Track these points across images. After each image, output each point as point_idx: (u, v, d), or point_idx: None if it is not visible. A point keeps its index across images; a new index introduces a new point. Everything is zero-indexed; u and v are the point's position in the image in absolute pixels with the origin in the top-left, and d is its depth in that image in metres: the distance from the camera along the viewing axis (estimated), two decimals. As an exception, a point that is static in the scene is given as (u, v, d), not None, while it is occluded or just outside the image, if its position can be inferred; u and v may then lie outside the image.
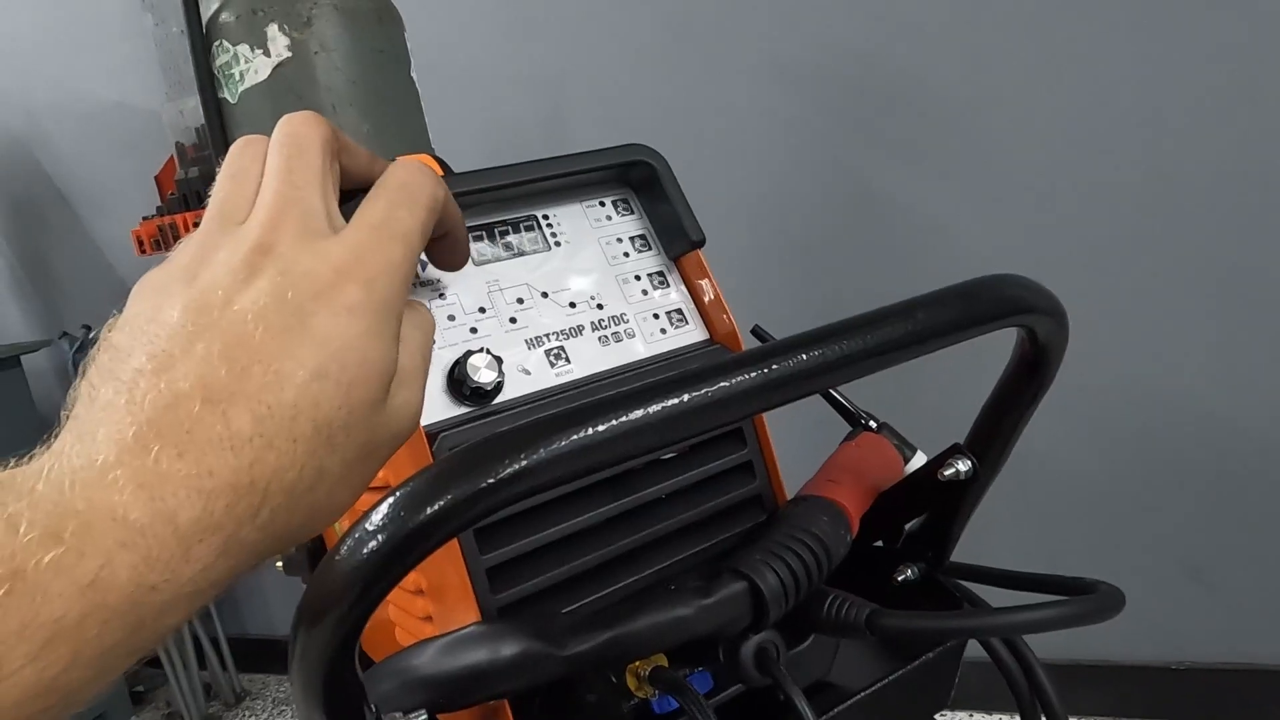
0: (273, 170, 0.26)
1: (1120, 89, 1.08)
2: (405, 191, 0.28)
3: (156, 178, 1.37)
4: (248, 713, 1.78)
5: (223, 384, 0.21)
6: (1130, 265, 1.12)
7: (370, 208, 0.27)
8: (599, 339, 0.37)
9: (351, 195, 0.30)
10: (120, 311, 0.24)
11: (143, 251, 1.21)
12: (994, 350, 0.34)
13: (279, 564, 0.63)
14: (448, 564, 0.32)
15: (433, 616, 0.36)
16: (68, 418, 0.22)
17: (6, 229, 1.88)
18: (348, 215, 0.27)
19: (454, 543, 0.32)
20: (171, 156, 1.30)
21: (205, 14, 0.59)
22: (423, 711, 0.28)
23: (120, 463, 0.20)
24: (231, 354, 0.22)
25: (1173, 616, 1.20)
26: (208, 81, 0.60)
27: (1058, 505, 1.23)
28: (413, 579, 0.36)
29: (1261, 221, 1.06)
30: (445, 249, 0.32)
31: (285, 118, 0.27)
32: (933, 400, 0.96)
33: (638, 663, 0.33)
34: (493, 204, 0.38)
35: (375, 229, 0.26)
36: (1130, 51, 1.07)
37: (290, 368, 0.22)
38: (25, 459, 0.21)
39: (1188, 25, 1.04)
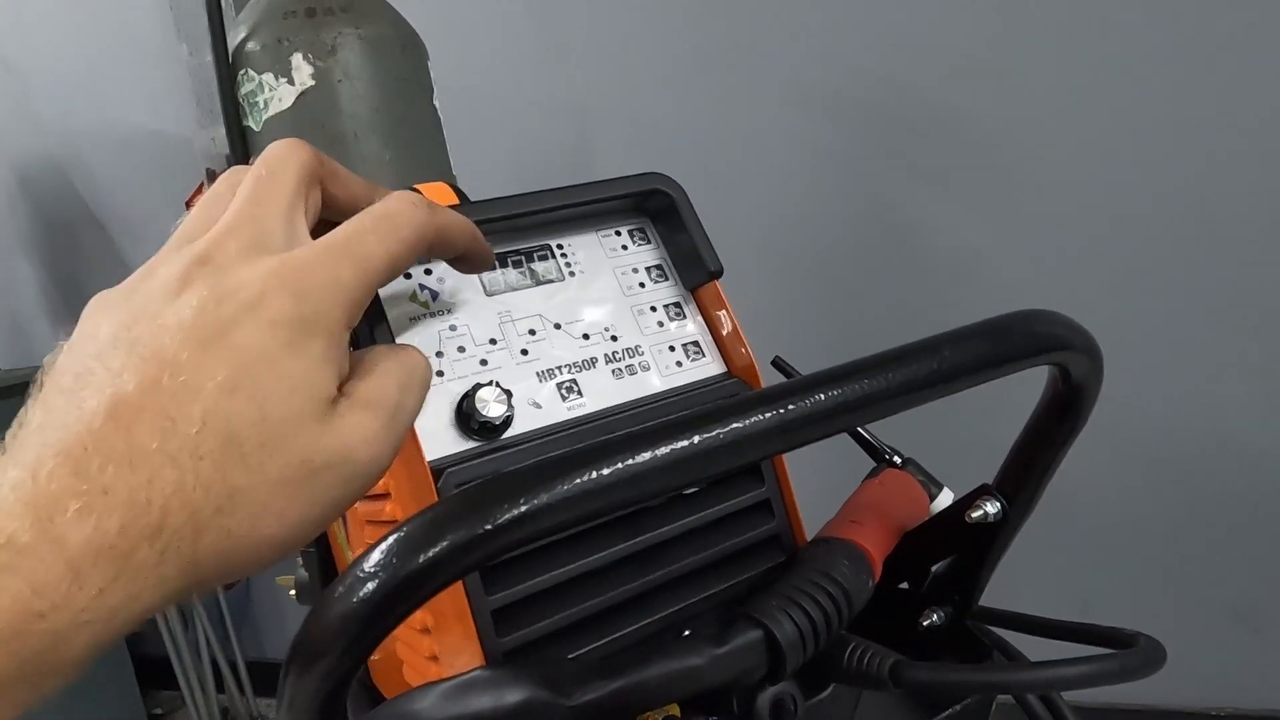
0: (239, 193, 0.26)
1: (1155, 116, 1.06)
2: (384, 220, 0.26)
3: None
4: (264, 737, 1.77)
5: (129, 399, 0.21)
6: (1167, 295, 1.09)
7: (338, 230, 0.26)
8: (613, 371, 0.36)
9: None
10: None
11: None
12: (1023, 382, 0.33)
13: (292, 592, 0.62)
14: (451, 604, 0.31)
15: (438, 657, 0.35)
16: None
17: (41, 252, 1.93)
18: None
19: (459, 582, 0.31)
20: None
21: (232, 43, 0.60)
22: (419, 762, 0.27)
23: (16, 485, 0.19)
24: (144, 368, 0.21)
25: (1215, 661, 1.15)
26: (232, 109, 0.60)
27: (1092, 545, 1.19)
28: (419, 617, 0.35)
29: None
30: (466, 265, 0.32)
31: (269, 145, 0.27)
32: (959, 435, 0.94)
33: (648, 713, 0.31)
34: (507, 233, 0.37)
35: (328, 248, 0.25)
36: (1166, 77, 1.05)
37: (199, 379, 0.21)
38: None
39: (1227, 50, 1.02)
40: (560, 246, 0.38)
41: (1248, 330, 1.07)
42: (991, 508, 0.35)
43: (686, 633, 0.31)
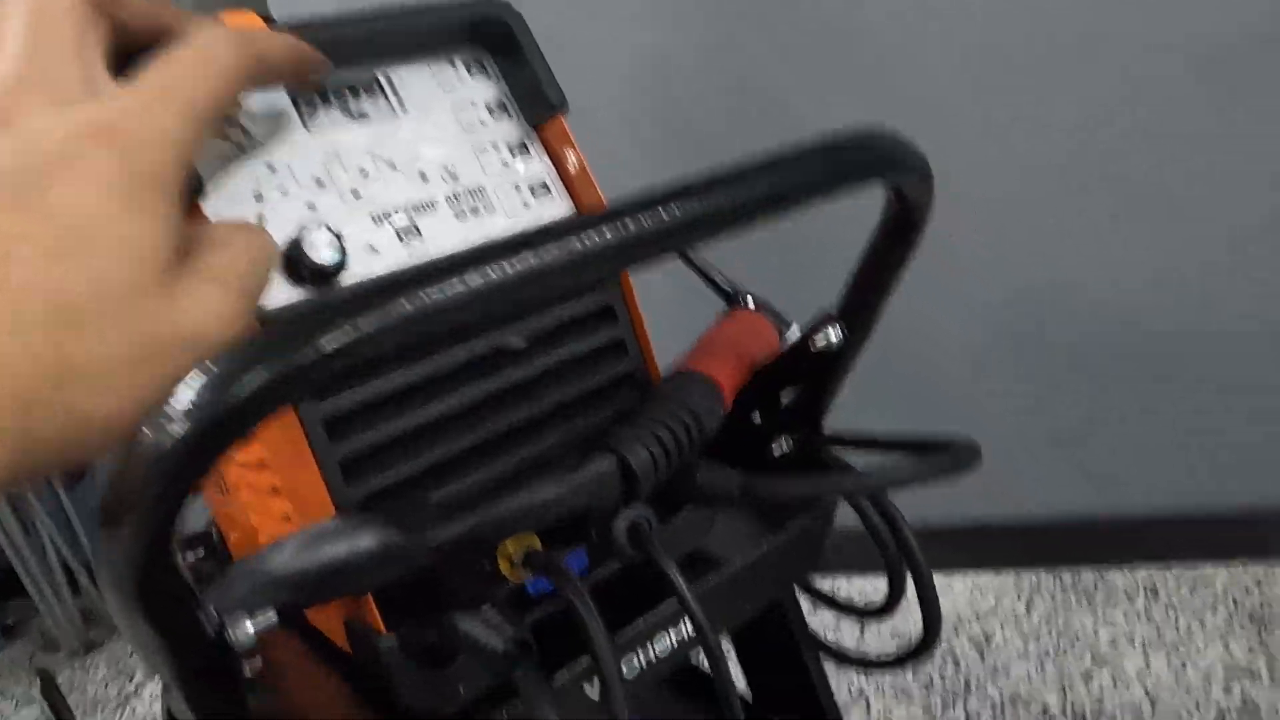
0: (7, 33, 0.22)
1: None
2: (199, 59, 0.24)
3: None
4: (134, 636, 1.72)
5: None
6: (1015, 149, 1.16)
7: (151, 71, 0.23)
8: (455, 214, 0.34)
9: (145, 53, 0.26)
10: None
11: None
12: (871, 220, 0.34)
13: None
14: (296, 457, 0.30)
15: (290, 516, 0.34)
16: None
17: None
18: None
19: (299, 434, 0.29)
20: None
21: None
22: (271, 611, 0.26)
23: None
24: None
25: (1037, 479, 1.31)
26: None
27: (928, 378, 1.30)
28: (265, 479, 0.34)
29: (1135, 99, 1.10)
30: (300, 83, 0.32)
31: None
32: (812, 277, 0.98)
33: (510, 547, 0.32)
34: (326, 63, 0.34)
35: (147, 94, 0.22)
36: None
37: (18, 247, 0.19)
38: None
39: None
40: (389, 79, 0.35)
41: (1085, 176, 1.15)
42: (834, 334, 0.36)
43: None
